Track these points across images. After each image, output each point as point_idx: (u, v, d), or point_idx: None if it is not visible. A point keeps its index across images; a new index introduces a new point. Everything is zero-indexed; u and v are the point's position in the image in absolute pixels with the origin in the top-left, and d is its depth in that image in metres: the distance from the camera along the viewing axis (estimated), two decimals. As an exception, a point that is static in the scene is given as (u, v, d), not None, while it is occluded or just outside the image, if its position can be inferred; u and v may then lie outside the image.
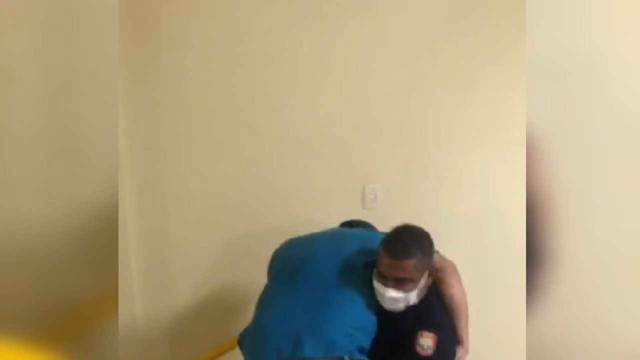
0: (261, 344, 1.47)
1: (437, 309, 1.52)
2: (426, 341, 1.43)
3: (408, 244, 1.46)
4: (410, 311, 1.48)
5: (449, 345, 1.49)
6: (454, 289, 1.54)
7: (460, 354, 1.54)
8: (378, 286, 1.47)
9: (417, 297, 1.48)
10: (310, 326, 1.43)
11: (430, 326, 1.45)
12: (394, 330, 1.47)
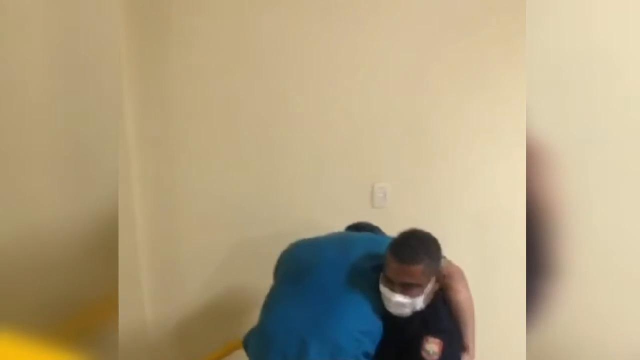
0: (266, 346, 1.47)
1: (444, 315, 1.51)
2: (432, 347, 1.43)
3: (416, 249, 1.45)
4: (416, 316, 1.47)
5: (455, 352, 1.49)
6: (460, 295, 1.53)
7: None
8: (385, 291, 1.47)
9: (424, 303, 1.48)
10: (316, 330, 1.43)
11: (437, 332, 1.45)
12: (400, 335, 1.47)
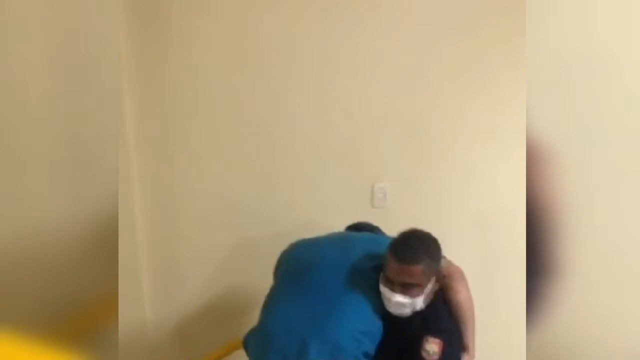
0: (266, 346, 1.47)
1: (444, 315, 1.51)
2: (432, 347, 1.43)
3: (416, 249, 1.45)
4: (416, 316, 1.47)
5: (455, 352, 1.49)
6: (460, 295, 1.53)
7: None
8: (385, 291, 1.47)
9: (424, 303, 1.48)
10: (316, 330, 1.43)
11: (437, 332, 1.45)
12: (400, 335, 1.47)
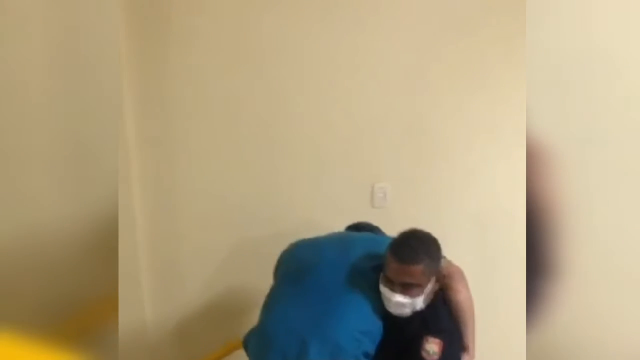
0: (266, 347, 1.47)
1: (444, 315, 1.51)
2: (432, 347, 1.43)
3: (416, 249, 1.45)
4: (416, 316, 1.47)
5: (455, 352, 1.49)
6: (460, 295, 1.53)
7: None
8: (385, 291, 1.47)
9: (424, 303, 1.48)
10: (316, 330, 1.43)
11: (437, 332, 1.45)
12: (400, 335, 1.47)
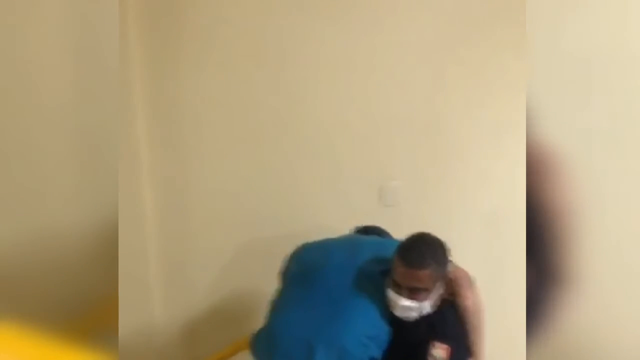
0: (272, 349, 1.47)
1: (451, 320, 1.51)
2: (438, 352, 1.43)
3: (424, 254, 1.45)
4: (423, 321, 1.47)
5: (462, 357, 1.49)
6: (468, 301, 1.52)
7: None
8: (392, 294, 1.46)
9: (431, 307, 1.47)
10: (322, 334, 1.43)
11: (444, 337, 1.45)
12: (407, 339, 1.47)
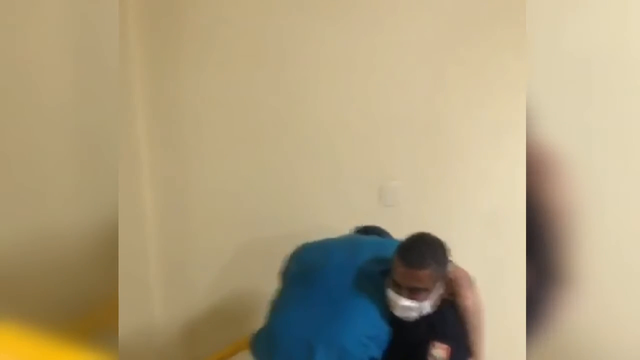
0: (272, 349, 1.47)
1: (451, 320, 1.51)
2: (438, 352, 1.43)
3: (424, 254, 1.45)
4: (423, 321, 1.47)
5: (462, 358, 1.49)
6: (468, 301, 1.52)
7: None
8: (392, 294, 1.46)
9: (431, 307, 1.48)
10: (322, 334, 1.43)
11: (443, 337, 1.45)
12: (407, 339, 1.47)
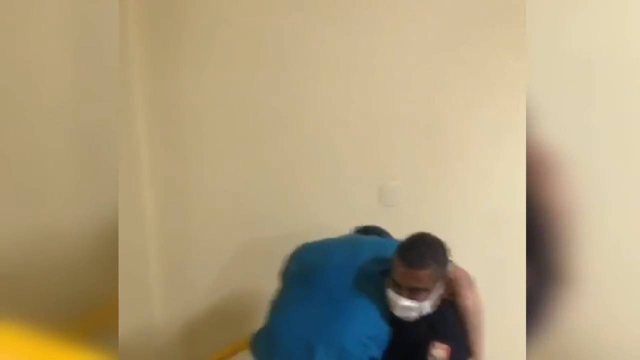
0: (272, 349, 1.47)
1: (451, 320, 1.51)
2: (438, 352, 1.43)
3: (424, 254, 1.45)
4: (423, 321, 1.47)
5: (462, 358, 1.49)
6: (468, 301, 1.52)
7: None
8: (392, 294, 1.46)
9: (431, 307, 1.48)
10: (322, 334, 1.43)
11: (443, 337, 1.45)
12: (407, 339, 1.47)
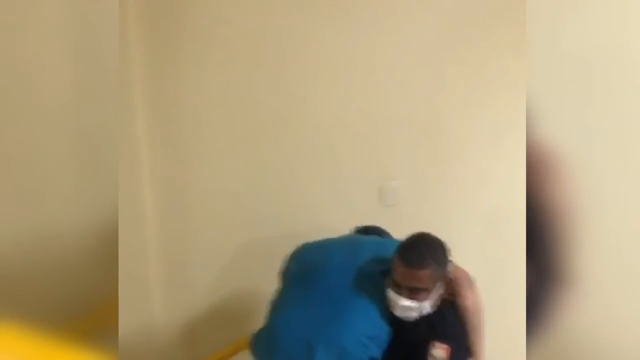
0: (272, 349, 1.47)
1: (451, 320, 1.51)
2: (438, 352, 1.43)
3: (424, 254, 1.45)
4: (423, 321, 1.47)
5: (462, 358, 1.49)
6: (468, 301, 1.53)
7: None
8: (392, 294, 1.46)
9: (431, 307, 1.48)
10: (322, 334, 1.43)
11: (443, 337, 1.45)
12: (407, 339, 1.47)
